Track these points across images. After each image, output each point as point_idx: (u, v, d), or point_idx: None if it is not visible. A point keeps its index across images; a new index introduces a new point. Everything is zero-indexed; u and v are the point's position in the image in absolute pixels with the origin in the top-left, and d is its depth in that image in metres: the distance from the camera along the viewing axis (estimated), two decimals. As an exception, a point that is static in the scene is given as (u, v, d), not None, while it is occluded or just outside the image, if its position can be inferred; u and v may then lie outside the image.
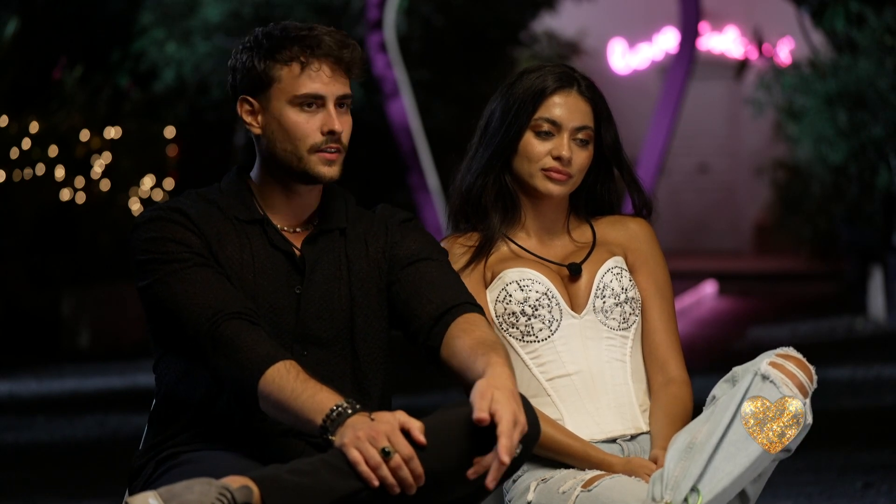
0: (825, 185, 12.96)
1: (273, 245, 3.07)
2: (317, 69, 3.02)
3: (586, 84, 3.37)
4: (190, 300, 2.93)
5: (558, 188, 3.32)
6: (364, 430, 2.71)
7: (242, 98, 3.07)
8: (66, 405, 8.20)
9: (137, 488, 3.02)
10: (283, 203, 3.11)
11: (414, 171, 12.64)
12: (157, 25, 13.28)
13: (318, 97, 3.03)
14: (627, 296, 3.34)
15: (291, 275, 3.06)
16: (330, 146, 3.03)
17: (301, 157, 3.03)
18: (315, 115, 3.03)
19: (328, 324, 3.07)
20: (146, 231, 3.01)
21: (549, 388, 3.28)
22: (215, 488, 2.62)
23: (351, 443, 2.71)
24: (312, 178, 3.05)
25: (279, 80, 3.03)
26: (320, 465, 2.74)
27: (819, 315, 12.52)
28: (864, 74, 11.14)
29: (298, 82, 3.02)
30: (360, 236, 3.15)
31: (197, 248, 2.99)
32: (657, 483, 2.99)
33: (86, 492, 5.82)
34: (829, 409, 7.37)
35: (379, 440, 2.70)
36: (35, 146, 10.87)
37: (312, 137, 3.03)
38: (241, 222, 3.07)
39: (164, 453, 3.01)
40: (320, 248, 3.10)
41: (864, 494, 5.45)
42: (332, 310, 3.07)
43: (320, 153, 3.03)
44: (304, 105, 3.03)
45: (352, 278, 3.10)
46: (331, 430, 2.75)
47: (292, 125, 3.03)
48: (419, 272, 3.11)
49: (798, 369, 3.02)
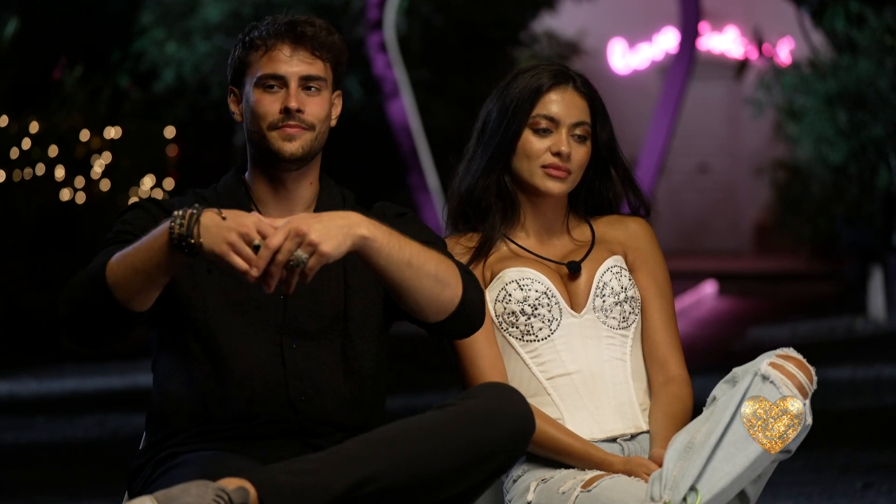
0: (825, 185, 12.96)
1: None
2: (278, 49, 3.09)
3: (581, 80, 3.37)
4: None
5: (559, 186, 3.32)
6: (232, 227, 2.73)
7: (230, 89, 3.16)
8: (67, 405, 8.20)
9: (136, 489, 3.02)
10: (271, 196, 3.14)
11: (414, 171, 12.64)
12: (157, 25, 13.28)
13: (278, 77, 3.08)
14: (627, 295, 3.34)
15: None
16: (287, 123, 3.07)
17: (263, 135, 3.08)
18: (276, 94, 3.09)
19: (317, 317, 3.06)
20: (122, 217, 3.07)
21: (549, 387, 3.28)
22: (212, 490, 2.62)
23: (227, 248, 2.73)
24: (275, 154, 3.08)
25: (249, 64, 3.11)
26: (317, 465, 2.74)
27: (819, 315, 12.52)
28: (864, 74, 11.13)
29: (261, 64, 3.09)
30: None
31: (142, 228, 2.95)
32: (656, 483, 2.99)
33: (86, 492, 5.82)
34: (829, 409, 7.37)
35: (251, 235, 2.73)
36: (35, 146, 10.87)
37: (271, 115, 3.08)
38: None
39: (162, 454, 3.01)
40: None
41: (864, 494, 5.45)
42: (322, 302, 3.07)
43: (278, 130, 3.07)
44: (265, 86, 3.09)
45: (347, 266, 3.09)
46: (186, 237, 2.74)
47: (255, 105, 3.09)
48: None
49: (798, 370, 3.02)
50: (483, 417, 2.84)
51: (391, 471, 2.77)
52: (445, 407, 2.87)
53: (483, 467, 2.84)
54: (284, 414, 2.99)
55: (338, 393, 3.05)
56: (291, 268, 2.75)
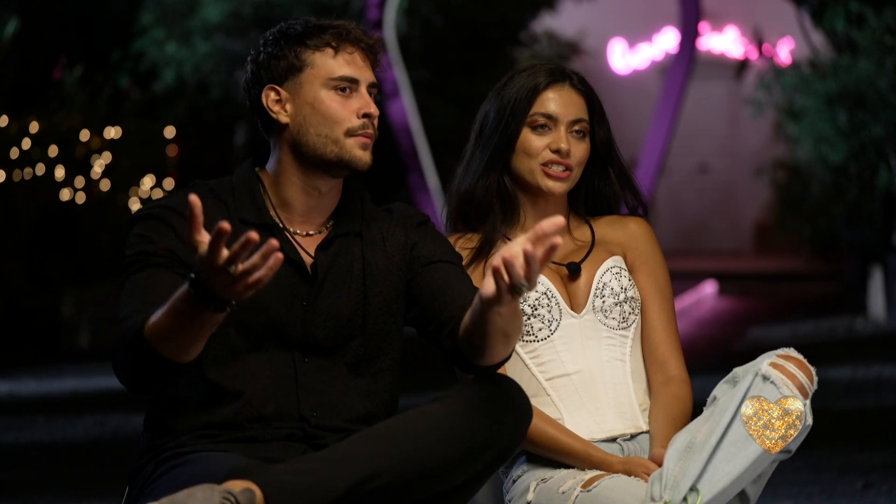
0: (825, 186, 12.96)
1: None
2: (350, 52, 3.01)
3: (578, 78, 3.37)
4: (123, 304, 2.87)
5: (559, 185, 3.32)
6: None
7: (269, 87, 3.01)
8: (66, 405, 8.20)
9: (136, 489, 3.00)
10: (301, 202, 3.04)
11: (414, 171, 12.64)
12: (157, 25, 13.29)
13: (353, 80, 3.00)
14: (627, 295, 3.34)
15: (298, 287, 3.01)
16: (366, 130, 3.00)
17: (338, 140, 2.98)
18: (350, 98, 3.00)
19: (333, 332, 3.02)
20: (139, 227, 2.97)
21: (548, 387, 3.28)
22: (218, 493, 2.62)
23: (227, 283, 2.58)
24: (347, 163, 2.99)
25: (312, 64, 2.99)
26: (321, 464, 2.74)
27: (819, 315, 12.52)
28: (864, 74, 11.14)
29: (334, 65, 2.99)
30: (377, 236, 3.10)
31: (167, 250, 2.92)
32: (656, 482, 2.99)
33: (86, 492, 5.81)
34: (830, 409, 7.37)
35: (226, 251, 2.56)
36: (35, 146, 10.88)
37: (350, 120, 2.98)
38: (248, 225, 2.99)
39: (163, 454, 2.99)
40: (333, 254, 3.04)
41: (864, 494, 5.45)
42: (339, 317, 3.03)
43: (357, 136, 2.99)
44: (338, 88, 2.99)
45: (367, 279, 3.05)
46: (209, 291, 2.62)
47: (328, 109, 2.98)
48: (442, 270, 3.07)
49: (798, 370, 3.02)
50: (481, 406, 2.84)
51: (394, 465, 2.77)
52: (443, 398, 2.86)
53: (483, 457, 2.84)
54: (294, 426, 2.98)
55: (351, 408, 3.02)
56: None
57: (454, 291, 3.02)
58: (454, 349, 2.97)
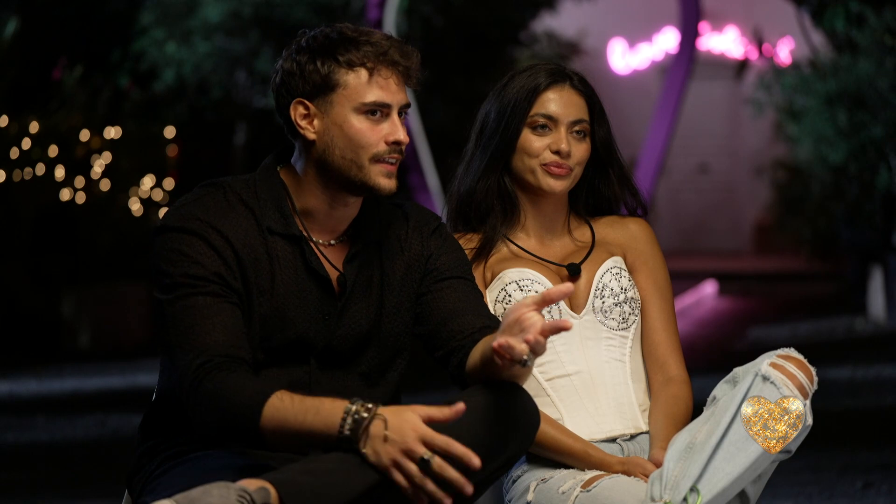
0: (825, 185, 12.96)
1: (308, 268, 2.98)
2: (386, 77, 2.93)
3: (578, 78, 3.37)
4: (185, 334, 2.83)
5: (559, 183, 3.32)
6: (395, 444, 2.67)
7: (298, 101, 2.94)
8: (67, 405, 8.20)
9: (138, 487, 3.00)
10: (325, 213, 3.01)
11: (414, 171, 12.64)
12: (156, 25, 13.28)
13: (385, 105, 2.93)
14: (626, 296, 3.34)
15: (323, 300, 2.99)
16: (392, 156, 2.94)
17: (362, 166, 2.93)
18: (379, 123, 2.94)
19: (353, 342, 3.02)
20: (175, 241, 2.90)
21: (548, 388, 3.28)
22: (234, 491, 2.61)
23: (390, 464, 2.67)
24: (370, 188, 2.95)
25: (345, 85, 2.92)
26: (335, 465, 2.72)
27: (819, 315, 12.52)
28: (864, 74, 11.14)
29: (367, 89, 2.92)
30: (395, 245, 3.08)
31: (220, 273, 2.88)
32: (656, 483, 2.99)
33: (86, 492, 5.82)
34: (830, 409, 7.37)
35: (415, 450, 2.66)
36: (35, 146, 10.88)
37: (376, 146, 2.93)
38: (275, 236, 2.96)
39: (165, 452, 2.98)
40: (358, 266, 3.02)
41: (864, 494, 5.45)
42: (359, 329, 3.02)
43: (382, 164, 2.94)
44: (369, 113, 2.93)
45: (385, 291, 3.04)
46: (353, 441, 2.70)
47: (357, 133, 2.92)
48: (455, 291, 3.06)
49: (799, 370, 3.02)
50: (491, 413, 2.83)
51: None
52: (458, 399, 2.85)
53: (492, 462, 2.84)
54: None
55: None
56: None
57: (464, 319, 3.01)
58: (460, 376, 2.99)
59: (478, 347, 2.94)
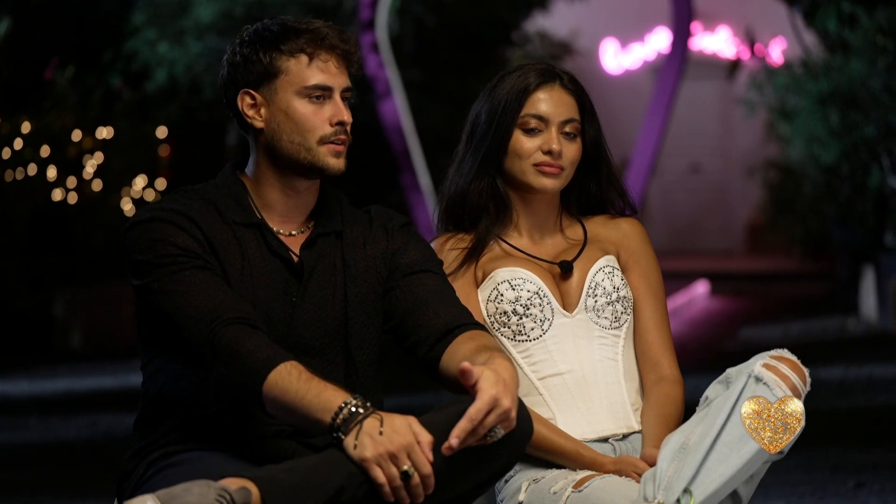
0: (817, 186, 12.97)
1: (271, 251, 3.04)
2: (325, 60, 3.02)
3: (569, 78, 3.37)
4: (188, 304, 2.89)
5: (552, 182, 3.32)
6: (385, 445, 2.71)
7: (244, 92, 3.03)
8: (59, 405, 8.20)
9: (128, 490, 3.00)
10: (281, 202, 3.08)
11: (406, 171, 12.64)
12: (148, 25, 13.27)
13: (327, 88, 3.02)
14: (619, 295, 3.34)
15: (288, 282, 3.04)
16: (339, 137, 3.03)
17: (310, 148, 3.01)
18: (322, 106, 3.02)
19: (321, 332, 3.05)
20: (145, 231, 2.97)
21: (540, 387, 3.28)
22: (214, 490, 2.62)
23: (373, 459, 2.70)
24: (320, 170, 3.03)
25: (286, 71, 3.01)
26: (316, 464, 2.74)
27: (811, 315, 12.53)
28: (856, 74, 11.15)
29: (307, 73, 3.01)
30: (358, 238, 3.12)
31: (195, 250, 2.96)
32: (649, 483, 2.99)
33: (78, 492, 5.82)
34: (821, 409, 7.38)
35: (401, 460, 2.70)
36: (27, 146, 10.87)
37: (322, 129, 3.02)
38: (238, 225, 3.03)
39: (155, 454, 2.99)
40: (318, 253, 3.07)
41: (855, 494, 5.45)
42: (325, 317, 3.05)
43: (329, 144, 3.02)
44: (312, 96, 3.01)
45: (347, 282, 3.07)
46: (342, 429, 2.74)
47: (301, 117, 3.01)
48: (422, 283, 3.09)
49: (792, 371, 3.02)
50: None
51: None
52: (445, 408, 2.85)
53: (483, 469, 2.84)
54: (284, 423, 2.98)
55: None
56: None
57: (429, 309, 3.05)
58: (429, 368, 3.03)
59: (458, 352, 2.96)
